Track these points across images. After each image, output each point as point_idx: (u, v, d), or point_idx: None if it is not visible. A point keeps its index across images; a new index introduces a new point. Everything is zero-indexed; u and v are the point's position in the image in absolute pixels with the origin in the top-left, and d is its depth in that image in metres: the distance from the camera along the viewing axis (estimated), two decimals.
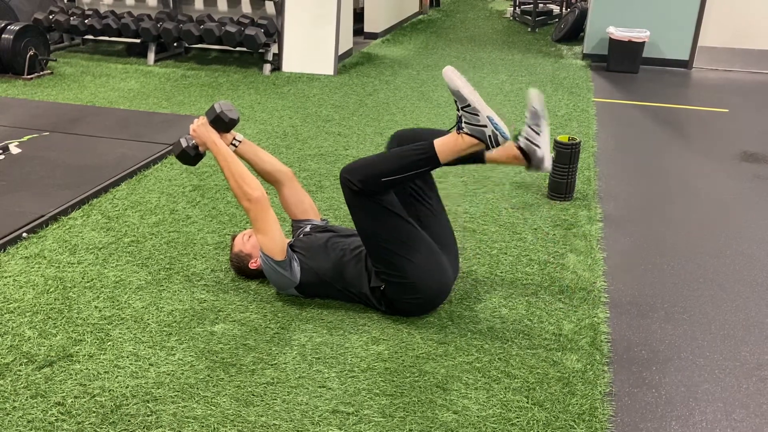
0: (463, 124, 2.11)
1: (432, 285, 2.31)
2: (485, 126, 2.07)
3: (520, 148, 2.29)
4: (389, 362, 2.13)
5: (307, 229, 2.57)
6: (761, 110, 5.22)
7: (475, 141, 2.11)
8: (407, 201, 2.39)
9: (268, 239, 2.33)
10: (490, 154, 2.31)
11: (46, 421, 1.86)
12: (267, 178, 2.65)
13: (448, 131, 2.24)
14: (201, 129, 2.45)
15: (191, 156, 2.51)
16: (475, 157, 2.31)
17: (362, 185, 2.18)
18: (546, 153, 2.27)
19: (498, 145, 2.11)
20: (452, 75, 2.09)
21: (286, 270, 2.36)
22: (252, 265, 2.50)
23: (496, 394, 1.99)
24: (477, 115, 2.07)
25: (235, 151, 2.52)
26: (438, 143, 2.15)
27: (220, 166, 2.40)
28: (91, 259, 2.72)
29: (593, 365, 2.12)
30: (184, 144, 2.49)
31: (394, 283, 2.27)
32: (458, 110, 2.13)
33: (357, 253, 2.38)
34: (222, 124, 2.44)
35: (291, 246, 2.42)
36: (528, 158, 2.28)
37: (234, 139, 2.55)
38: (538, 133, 2.25)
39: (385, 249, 2.24)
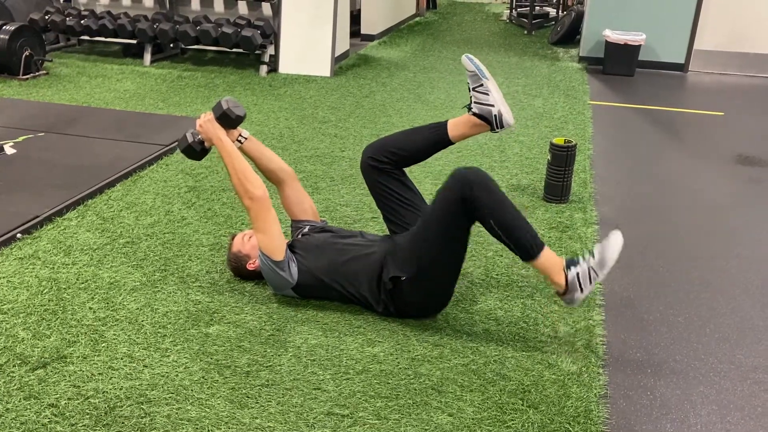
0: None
1: (445, 298, 2.36)
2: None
3: (476, 115, 2.35)
4: (384, 364, 2.12)
5: (306, 229, 2.57)
6: (757, 113, 5.23)
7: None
8: (396, 209, 2.44)
9: (267, 239, 2.33)
10: (454, 132, 2.39)
11: (40, 422, 1.85)
12: (269, 176, 2.65)
13: (419, 128, 2.46)
14: (207, 125, 2.45)
15: (197, 151, 2.51)
16: (441, 142, 2.43)
17: (474, 204, 2.09)
18: (502, 107, 2.30)
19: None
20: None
21: (284, 270, 2.35)
22: (250, 266, 2.50)
23: (491, 397, 1.99)
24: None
25: (240, 148, 2.52)
26: (546, 256, 2.11)
27: (224, 162, 2.40)
28: (85, 260, 2.71)
29: (588, 368, 2.12)
30: (190, 139, 2.49)
31: (418, 281, 2.24)
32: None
33: (356, 253, 2.37)
34: (228, 120, 2.45)
35: (289, 246, 2.42)
36: (487, 120, 2.33)
37: (240, 135, 2.55)
38: (486, 93, 2.29)
39: (437, 252, 2.20)
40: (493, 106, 2.28)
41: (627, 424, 1.92)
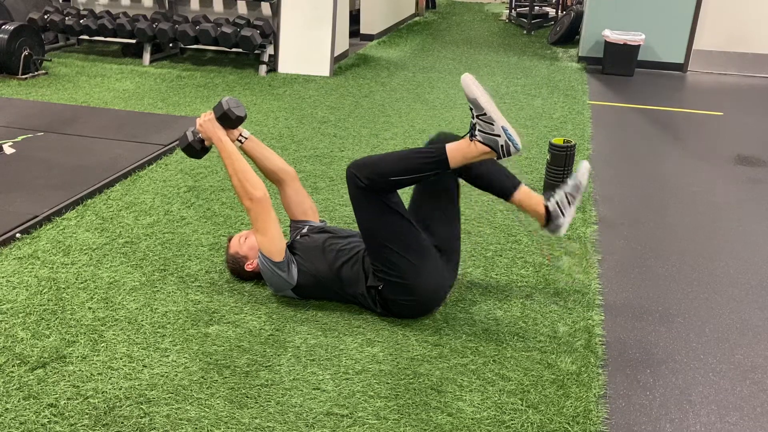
0: (477, 132, 2.11)
1: (428, 288, 2.31)
2: (499, 135, 2.08)
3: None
4: (384, 364, 2.12)
5: (305, 230, 2.57)
6: (756, 113, 5.24)
7: (487, 149, 2.11)
8: (423, 200, 2.41)
9: (267, 240, 2.33)
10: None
11: (39, 422, 1.85)
12: (270, 176, 2.65)
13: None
14: (207, 124, 2.44)
15: (197, 150, 2.51)
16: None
17: (369, 182, 2.18)
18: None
19: (509, 155, 2.13)
20: (470, 83, 2.09)
21: (284, 271, 2.35)
22: (248, 267, 2.49)
23: (490, 396, 1.99)
24: (492, 124, 2.07)
25: (240, 148, 2.52)
26: (450, 148, 2.15)
27: (224, 162, 2.40)
28: (84, 260, 2.71)
29: (588, 367, 2.12)
30: (190, 138, 2.49)
31: (391, 283, 2.26)
32: (473, 117, 2.12)
33: (354, 254, 2.37)
34: (229, 120, 2.44)
35: (289, 247, 2.42)
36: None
37: (240, 135, 2.55)
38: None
39: (384, 247, 2.24)
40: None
41: (626, 424, 1.93)
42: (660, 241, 3.06)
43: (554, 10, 9.24)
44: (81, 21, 6.18)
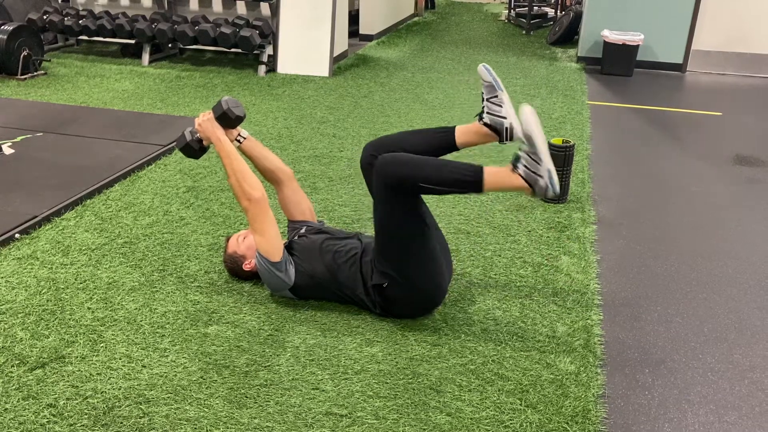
0: (521, 166, 2.11)
1: (432, 290, 2.32)
2: (542, 177, 2.08)
3: (486, 125, 2.31)
4: (383, 364, 2.13)
5: (303, 230, 2.57)
6: (754, 113, 5.24)
7: (525, 185, 2.11)
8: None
9: (265, 240, 2.33)
10: (462, 139, 2.34)
11: (38, 423, 1.85)
12: (268, 176, 2.65)
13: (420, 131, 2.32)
14: (206, 124, 2.44)
15: (195, 149, 2.51)
16: (446, 147, 2.36)
17: (399, 182, 2.14)
18: (514, 121, 2.26)
19: (546, 197, 2.16)
20: (531, 118, 2.10)
21: (281, 272, 2.35)
22: (246, 267, 2.49)
23: (489, 396, 1.99)
24: (539, 164, 2.08)
25: (238, 148, 2.52)
26: (489, 172, 2.12)
27: (222, 162, 2.40)
28: (84, 261, 2.71)
29: (586, 367, 2.13)
30: (188, 137, 2.49)
31: (397, 282, 2.25)
32: (520, 150, 2.13)
33: (352, 255, 2.37)
34: (228, 120, 2.44)
35: (286, 247, 2.42)
36: (497, 132, 2.30)
37: (239, 135, 2.55)
38: (500, 105, 2.25)
39: (399, 247, 2.23)
40: (505, 118, 2.25)
41: (625, 423, 1.93)
42: (659, 240, 3.06)
43: (553, 11, 9.25)
44: (80, 21, 6.18)
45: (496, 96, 2.27)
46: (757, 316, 2.48)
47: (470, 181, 2.13)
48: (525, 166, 2.10)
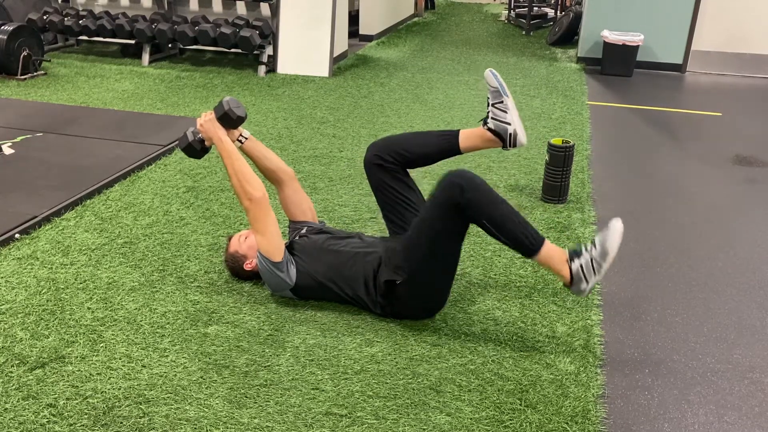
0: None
1: (440, 298, 2.36)
2: (588, 283, 2.10)
3: (491, 130, 2.33)
4: (383, 364, 2.13)
5: (304, 230, 2.57)
6: (754, 114, 5.24)
7: (569, 279, 2.11)
8: (397, 209, 2.42)
9: (266, 240, 2.33)
10: (465, 143, 2.37)
11: (38, 422, 1.85)
12: (269, 176, 2.65)
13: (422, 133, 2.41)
14: (208, 124, 2.45)
15: (197, 150, 2.52)
16: (450, 150, 2.40)
17: (466, 206, 2.09)
18: (518, 127, 2.29)
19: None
20: (617, 239, 2.09)
21: (282, 272, 2.35)
22: (247, 267, 2.50)
23: (489, 396, 1.99)
24: (595, 274, 2.09)
25: (240, 148, 2.52)
26: (547, 251, 2.11)
27: (223, 162, 2.40)
28: (84, 261, 2.71)
29: (586, 367, 2.13)
30: (190, 138, 2.50)
31: (411, 284, 2.24)
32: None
33: (353, 255, 2.38)
34: (229, 120, 2.45)
35: (287, 247, 2.42)
36: (501, 138, 2.32)
37: (240, 135, 2.55)
38: (504, 111, 2.27)
39: (431, 255, 2.21)
40: (509, 124, 2.28)
41: (625, 423, 1.93)
42: (658, 241, 3.06)
43: (553, 11, 9.25)
44: (80, 21, 6.18)
45: (502, 101, 2.29)
46: (757, 316, 2.48)
47: (526, 247, 2.11)
48: (581, 266, 2.10)
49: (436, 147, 2.41)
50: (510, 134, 2.28)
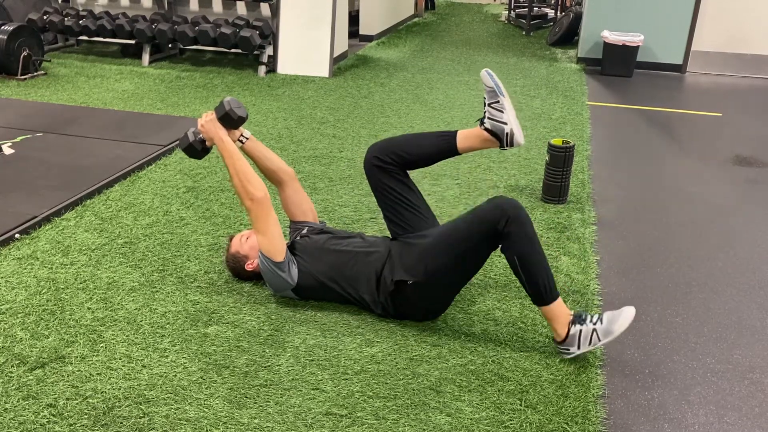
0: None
1: (447, 303, 2.36)
2: (506, 123, 2.19)
3: (487, 130, 2.34)
4: (383, 364, 2.13)
5: (305, 231, 2.57)
6: (754, 114, 5.24)
7: (564, 334, 2.12)
8: (397, 210, 2.42)
9: (268, 240, 2.33)
10: (463, 144, 2.38)
11: (38, 423, 1.85)
12: (270, 176, 2.65)
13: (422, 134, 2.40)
14: (209, 125, 2.45)
15: (198, 150, 2.52)
16: (448, 151, 2.41)
17: (506, 236, 2.10)
18: (515, 127, 2.30)
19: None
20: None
21: (284, 272, 2.35)
22: (248, 267, 2.50)
23: (489, 397, 1.99)
24: (502, 112, 2.18)
25: (240, 148, 2.52)
26: (557, 306, 2.13)
27: (225, 163, 2.40)
28: (84, 261, 2.71)
29: (586, 368, 2.13)
30: (191, 138, 2.50)
31: (425, 287, 2.24)
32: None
33: (354, 255, 2.38)
34: (230, 121, 2.45)
35: (289, 248, 2.42)
36: (498, 138, 2.33)
37: (241, 135, 2.55)
38: (501, 111, 2.27)
39: (453, 264, 2.21)
40: (506, 124, 2.28)
41: (624, 424, 1.93)
42: (658, 241, 3.06)
43: (553, 11, 9.25)
44: (80, 22, 6.18)
45: (498, 101, 2.29)
46: (757, 317, 2.48)
47: (542, 296, 2.13)
48: (579, 332, 2.11)
49: (435, 148, 2.41)
50: (507, 134, 2.29)
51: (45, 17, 6.25)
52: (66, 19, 6.23)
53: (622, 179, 3.80)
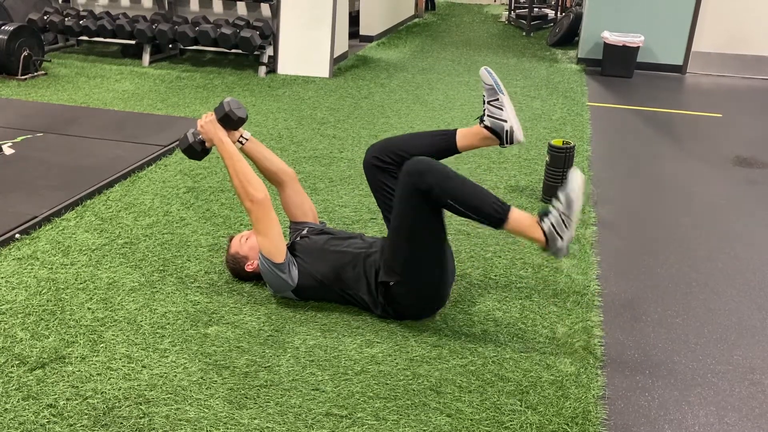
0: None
1: (438, 292, 2.34)
2: (563, 240, 2.09)
3: (487, 128, 2.34)
4: (383, 365, 2.13)
5: (305, 231, 2.57)
6: (754, 115, 5.25)
7: (543, 240, 2.10)
8: None
9: (268, 241, 2.33)
10: (462, 142, 2.38)
11: (38, 423, 1.85)
12: (270, 177, 2.65)
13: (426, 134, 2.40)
14: (208, 126, 2.44)
15: (197, 151, 2.51)
16: (448, 150, 2.40)
17: (429, 189, 2.11)
18: (514, 124, 2.29)
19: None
20: (579, 186, 2.10)
21: (284, 273, 2.35)
22: (248, 268, 2.49)
23: (489, 398, 1.99)
24: (566, 229, 2.09)
25: (240, 149, 2.52)
26: (515, 216, 2.12)
27: (225, 164, 2.40)
28: (84, 261, 2.71)
29: (586, 369, 2.13)
30: (191, 139, 2.50)
31: (405, 283, 2.25)
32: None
33: (354, 255, 2.37)
34: (230, 121, 2.45)
35: (289, 248, 2.42)
36: (498, 135, 2.33)
37: (241, 136, 2.55)
38: (500, 108, 2.27)
39: (413, 249, 2.22)
40: (505, 121, 2.28)
41: (625, 425, 1.93)
42: (659, 242, 3.06)
43: (553, 12, 9.26)
44: (80, 22, 6.18)
45: (497, 99, 2.29)
46: (758, 317, 2.48)
47: (495, 217, 2.12)
48: (552, 225, 2.09)
49: (434, 147, 2.41)
50: (506, 131, 2.29)
51: (45, 17, 6.25)
52: (66, 19, 6.23)
53: (622, 180, 3.80)
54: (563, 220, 2.09)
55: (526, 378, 2.08)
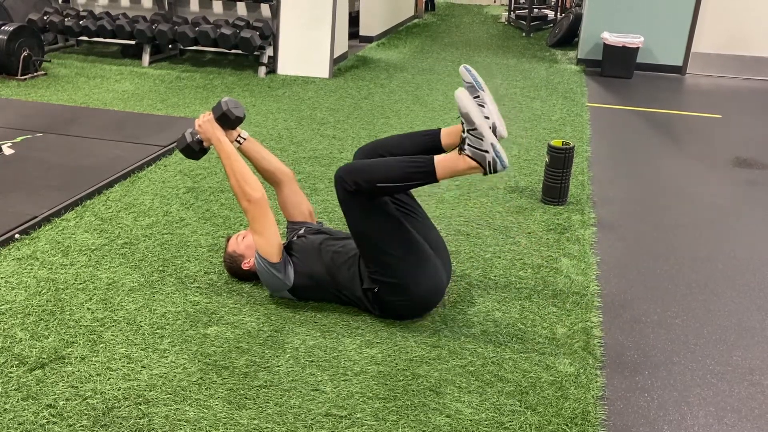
0: (466, 146, 2.14)
1: (425, 286, 2.31)
2: (487, 151, 2.09)
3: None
4: (382, 365, 2.13)
5: (302, 231, 2.57)
6: (754, 116, 5.25)
7: (475, 164, 2.12)
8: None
9: (264, 241, 2.33)
10: (446, 140, 2.38)
11: (38, 423, 1.85)
12: (268, 177, 2.65)
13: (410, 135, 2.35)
14: (206, 125, 2.45)
15: (195, 150, 2.52)
16: (434, 149, 2.38)
17: (356, 186, 2.18)
18: (497, 119, 2.24)
19: (495, 172, 2.14)
20: (463, 98, 2.13)
21: (280, 272, 2.35)
22: (245, 266, 2.50)
23: (489, 398, 1.99)
24: (482, 140, 2.09)
25: (238, 149, 2.52)
26: (438, 160, 2.16)
27: (222, 163, 2.40)
28: (83, 261, 2.71)
29: (586, 369, 2.13)
30: (188, 139, 2.50)
31: (387, 284, 2.26)
32: (463, 132, 2.16)
33: (351, 256, 2.38)
34: (228, 121, 2.45)
35: (285, 248, 2.42)
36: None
37: (239, 135, 2.55)
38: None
39: (377, 248, 2.25)
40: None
41: (624, 425, 1.93)
42: (658, 243, 3.07)
43: (553, 13, 9.26)
44: (80, 22, 6.18)
45: (478, 96, 2.27)
46: (757, 318, 2.48)
47: (423, 172, 2.17)
48: (470, 146, 2.12)
49: (421, 146, 2.41)
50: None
51: (45, 17, 6.25)
52: (66, 19, 6.23)
53: (621, 180, 3.80)
54: (474, 136, 2.10)
55: (525, 378, 2.08)
